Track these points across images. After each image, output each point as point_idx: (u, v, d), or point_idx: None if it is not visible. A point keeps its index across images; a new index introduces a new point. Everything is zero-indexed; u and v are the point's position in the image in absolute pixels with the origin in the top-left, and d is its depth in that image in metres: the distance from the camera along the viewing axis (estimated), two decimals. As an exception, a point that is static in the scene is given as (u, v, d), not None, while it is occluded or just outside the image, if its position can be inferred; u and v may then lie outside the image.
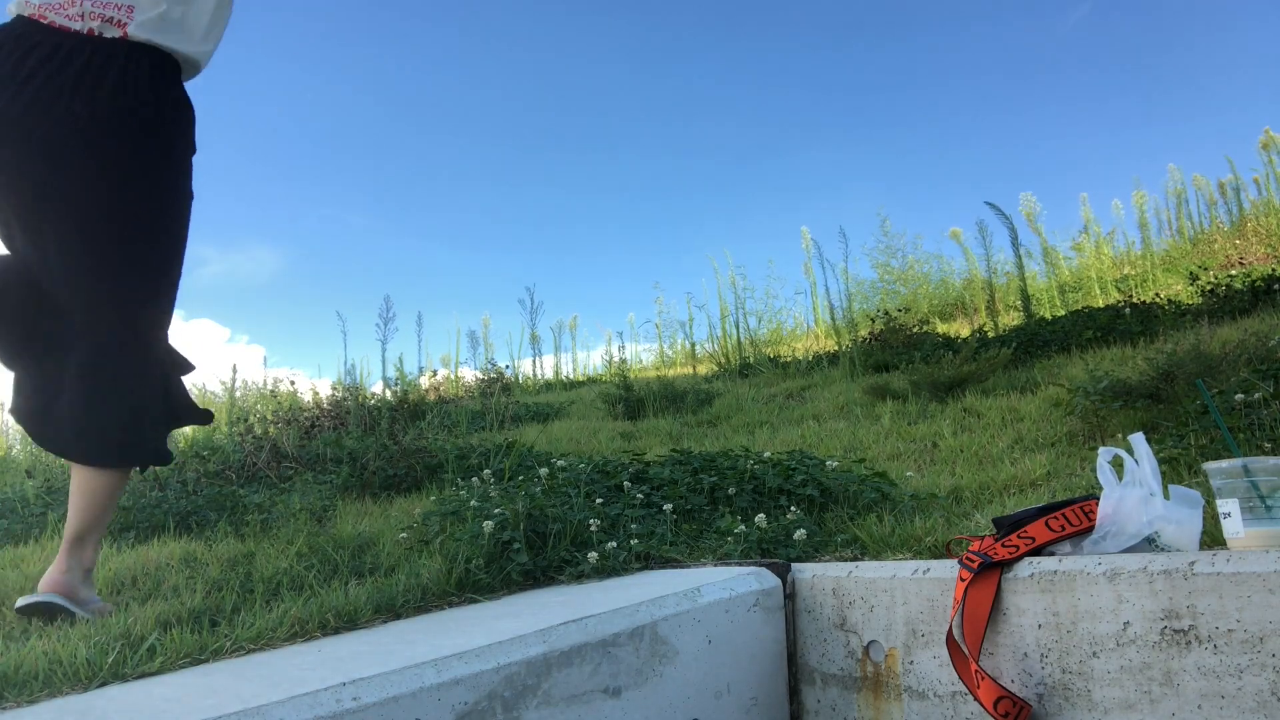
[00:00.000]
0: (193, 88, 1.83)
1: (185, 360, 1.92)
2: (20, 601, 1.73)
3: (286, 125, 14.63)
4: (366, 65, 15.06)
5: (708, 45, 15.15)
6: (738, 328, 9.48)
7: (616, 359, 9.44)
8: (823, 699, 1.67)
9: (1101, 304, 7.15)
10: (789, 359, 8.03)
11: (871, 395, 4.91)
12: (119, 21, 1.62)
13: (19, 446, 6.59)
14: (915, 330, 7.07)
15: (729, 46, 15.12)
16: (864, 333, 7.52)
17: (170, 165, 1.73)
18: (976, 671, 1.32)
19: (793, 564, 1.84)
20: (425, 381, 8.35)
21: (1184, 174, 11.40)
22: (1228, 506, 1.27)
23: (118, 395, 1.71)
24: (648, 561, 2.18)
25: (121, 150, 1.62)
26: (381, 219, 15.34)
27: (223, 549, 2.43)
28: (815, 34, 14.70)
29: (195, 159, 1.89)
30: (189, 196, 1.82)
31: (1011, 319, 7.82)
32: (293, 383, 8.26)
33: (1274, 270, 5.75)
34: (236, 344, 14.00)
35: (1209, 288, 5.69)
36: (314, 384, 10.37)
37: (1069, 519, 1.41)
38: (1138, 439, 1.40)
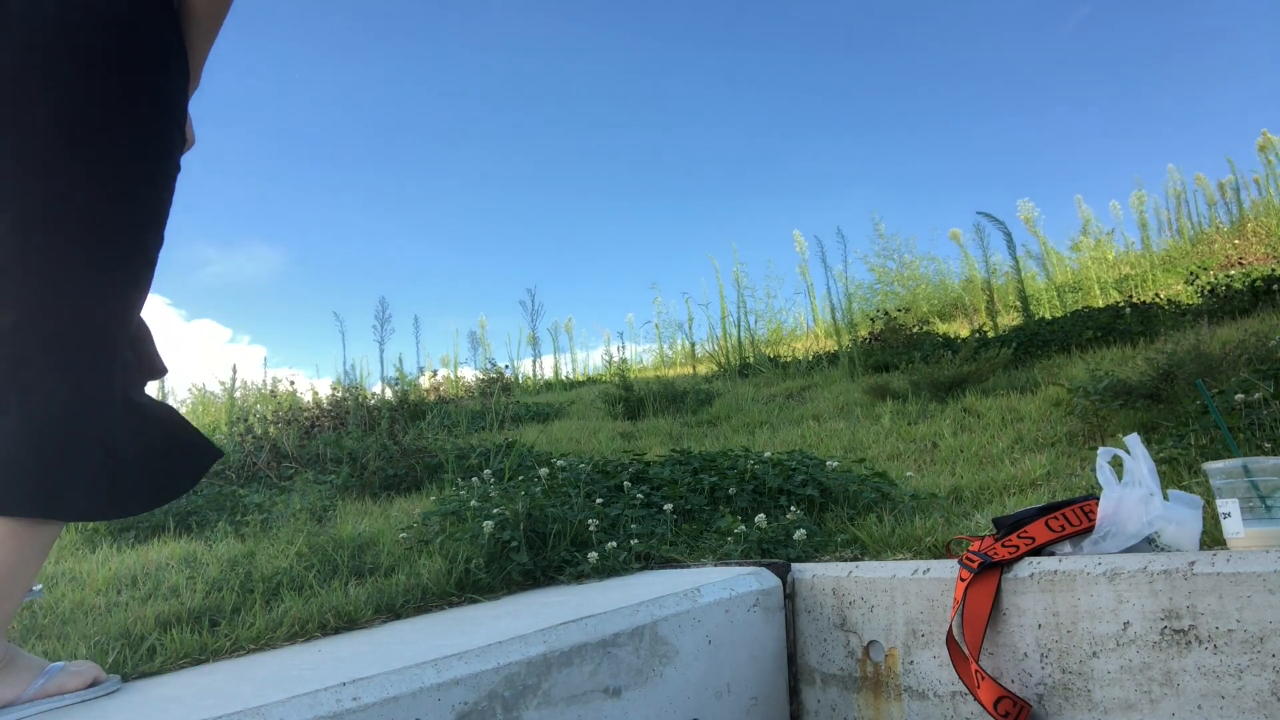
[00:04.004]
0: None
1: (158, 361, 1.34)
2: None
3: (289, 126, 14.64)
4: (368, 67, 15.07)
5: (706, 47, 15.15)
6: (738, 327, 9.48)
7: (616, 359, 9.44)
8: (823, 699, 1.67)
9: (1101, 304, 7.15)
10: (789, 359, 8.03)
11: (871, 395, 4.91)
12: None
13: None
14: (915, 330, 7.07)
15: (727, 49, 15.13)
16: (864, 333, 7.52)
17: (148, 100, 1.23)
18: (976, 671, 1.32)
19: (793, 564, 1.84)
20: (425, 381, 8.35)
21: (1184, 174, 11.42)
22: (1228, 506, 1.27)
23: (34, 414, 1.14)
24: (648, 561, 2.18)
25: (77, 67, 1.16)
26: (382, 220, 15.36)
27: (223, 549, 2.43)
28: (814, 36, 14.70)
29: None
30: (173, 160, 1.30)
31: (1011, 319, 7.82)
32: (292, 383, 8.27)
33: (1274, 270, 5.75)
34: (237, 344, 14.01)
35: (1209, 288, 5.69)
36: (314, 384, 10.38)
37: (1069, 519, 1.41)
38: (1133, 440, 1.40)
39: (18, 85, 1.15)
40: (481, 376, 8.55)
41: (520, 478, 2.94)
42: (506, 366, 9.75)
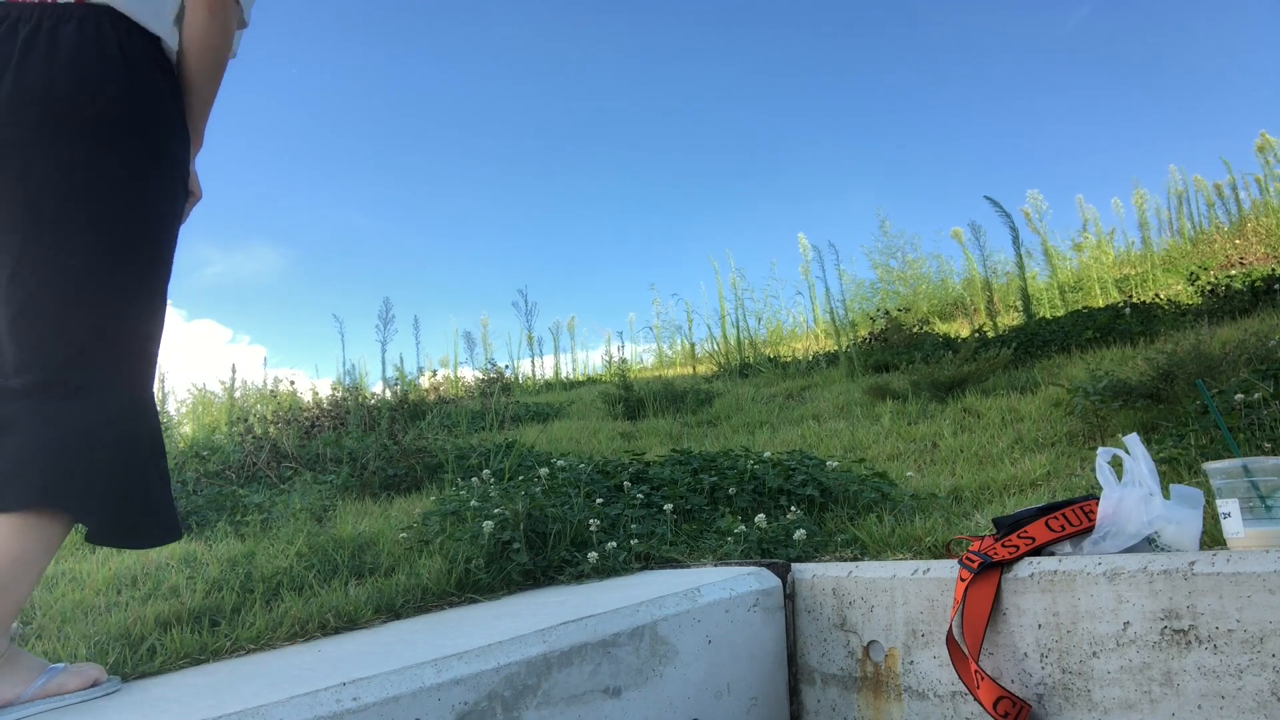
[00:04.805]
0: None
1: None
2: None
3: (289, 124, 14.64)
4: (369, 65, 15.06)
5: (708, 45, 15.15)
6: (737, 327, 9.49)
7: (616, 359, 9.44)
8: (823, 699, 1.67)
9: (1101, 304, 7.15)
10: (789, 359, 8.03)
11: (871, 395, 4.91)
12: None
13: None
14: (915, 330, 7.07)
15: (729, 46, 15.13)
16: (864, 333, 7.53)
17: (149, 156, 1.35)
18: (976, 671, 1.32)
19: (793, 564, 1.84)
20: (425, 381, 8.35)
21: (1184, 174, 11.42)
22: (1228, 506, 1.27)
23: (52, 426, 1.23)
24: (648, 561, 2.18)
25: (84, 131, 1.28)
26: (382, 220, 15.36)
27: (223, 549, 2.43)
28: (815, 36, 14.70)
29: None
30: (175, 207, 1.42)
31: (1011, 319, 7.83)
32: (292, 383, 8.26)
33: (1274, 270, 5.75)
34: (238, 344, 14.01)
35: (1209, 288, 5.69)
36: (314, 384, 10.37)
37: (1069, 519, 1.41)
38: (1133, 439, 1.40)
39: (33, 150, 1.27)
40: (481, 376, 8.55)
41: (520, 478, 2.94)
42: (506, 366, 9.75)
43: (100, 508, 1.25)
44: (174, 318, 12.99)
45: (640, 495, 2.64)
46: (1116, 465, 1.42)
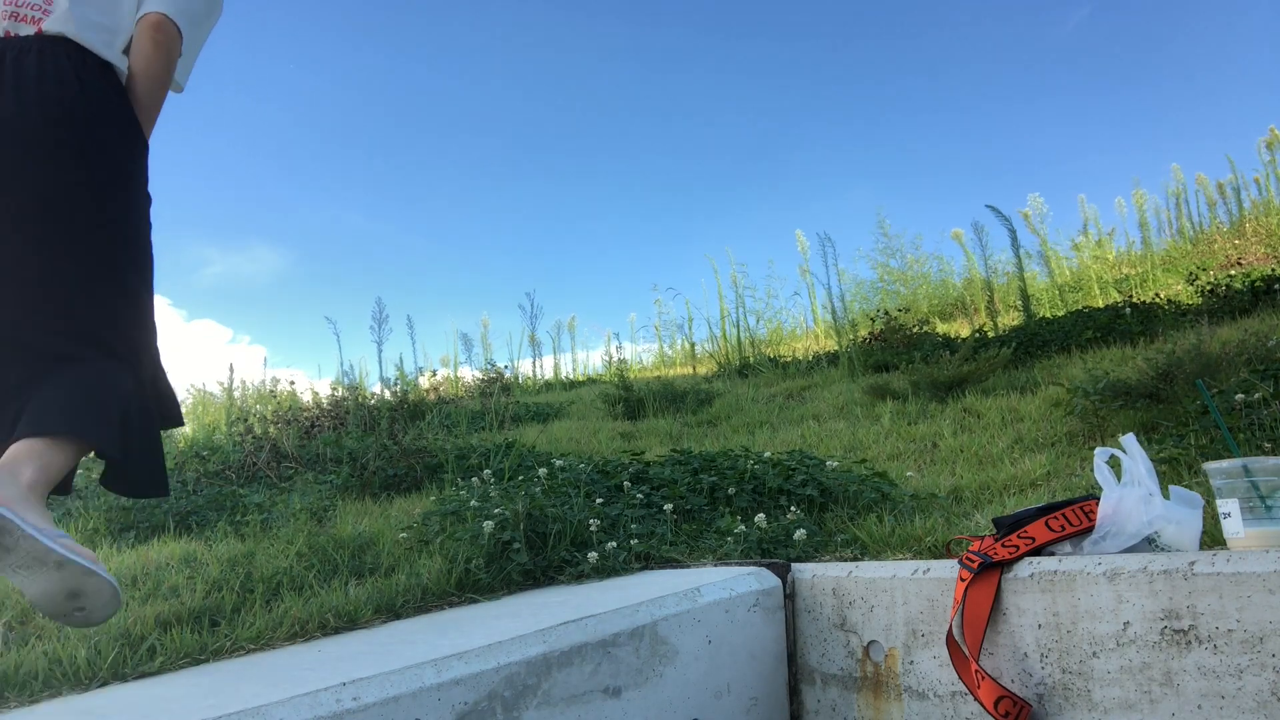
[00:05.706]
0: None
1: (178, 411, 1.61)
2: None
3: (289, 125, 14.65)
4: (369, 65, 15.07)
5: (708, 45, 15.16)
6: (737, 327, 9.49)
7: (616, 359, 9.44)
8: (823, 699, 1.67)
9: (1101, 304, 7.15)
10: (789, 359, 8.03)
11: (871, 395, 4.91)
12: (34, 19, 1.50)
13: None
14: (915, 330, 7.07)
15: (729, 47, 15.14)
16: (864, 333, 7.53)
17: (125, 162, 1.53)
18: (976, 671, 1.32)
19: (793, 564, 1.84)
20: (425, 381, 8.35)
21: (1185, 174, 11.43)
22: (1228, 506, 1.27)
23: (107, 394, 1.39)
24: (648, 561, 2.18)
25: (63, 144, 1.44)
26: (383, 219, 15.37)
27: (223, 549, 2.43)
28: (816, 36, 14.71)
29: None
30: (148, 207, 1.59)
31: (1012, 319, 7.82)
32: (292, 383, 8.27)
33: (1274, 270, 5.76)
34: (238, 344, 14.01)
35: (1209, 288, 5.69)
36: (313, 384, 10.36)
37: (1069, 519, 1.41)
38: (1129, 440, 1.40)
39: (23, 166, 1.41)
40: (481, 376, 8.55)
41: (520, 478, 2.94)
42: (506, 366, 9.74)
43: (126, 451, 1.37)
44: (174, 318, 12.99)
45: (640, 495, 2.64)
46: (1115, 465, 1.42)
